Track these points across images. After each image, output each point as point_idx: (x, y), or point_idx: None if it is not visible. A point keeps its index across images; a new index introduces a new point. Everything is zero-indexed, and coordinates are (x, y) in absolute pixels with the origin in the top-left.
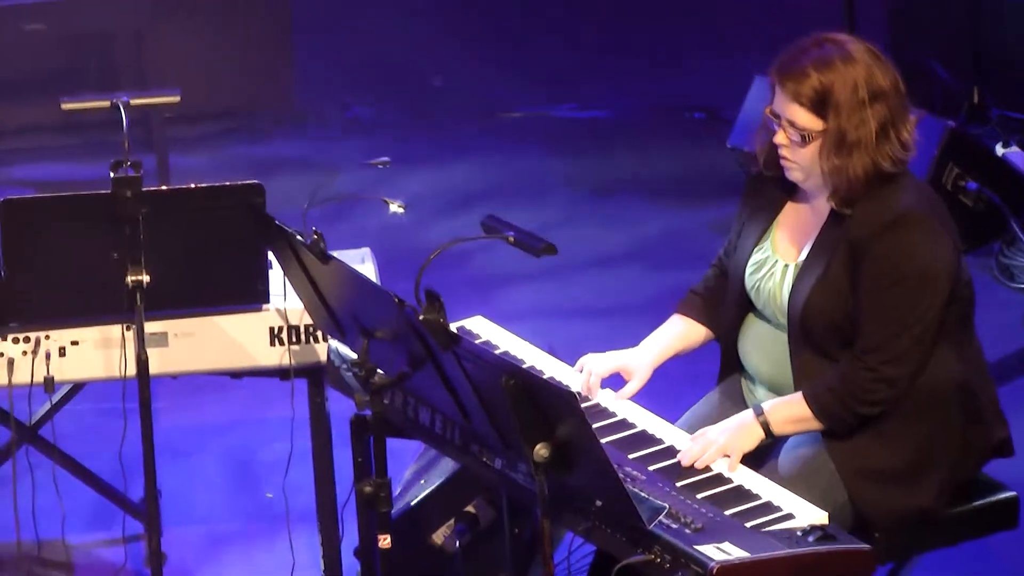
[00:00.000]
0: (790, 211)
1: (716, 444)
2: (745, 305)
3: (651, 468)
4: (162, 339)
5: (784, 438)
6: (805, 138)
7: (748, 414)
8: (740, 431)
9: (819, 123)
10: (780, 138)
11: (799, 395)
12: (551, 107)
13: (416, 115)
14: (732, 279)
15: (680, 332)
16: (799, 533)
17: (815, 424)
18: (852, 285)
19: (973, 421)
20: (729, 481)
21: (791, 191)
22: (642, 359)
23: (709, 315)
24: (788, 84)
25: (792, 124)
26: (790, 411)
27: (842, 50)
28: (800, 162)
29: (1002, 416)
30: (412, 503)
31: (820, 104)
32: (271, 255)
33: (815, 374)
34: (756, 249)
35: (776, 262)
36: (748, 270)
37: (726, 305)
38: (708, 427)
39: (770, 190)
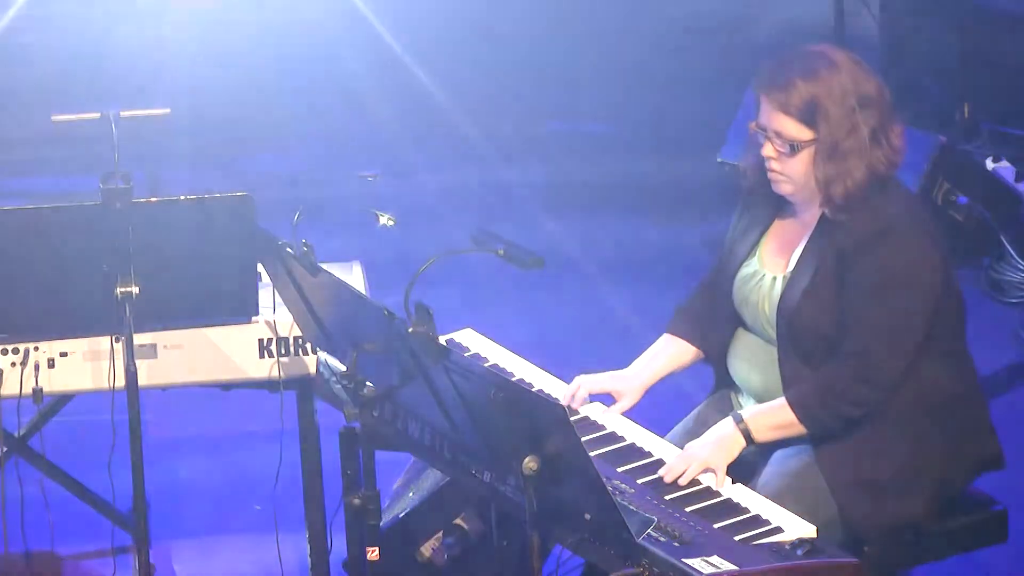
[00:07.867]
0: (778, 226)
1: (697, 459)
2: (734, 319)
3: (640, 481)
4: (151, 351)
5: (772, 452)
6: (794, 147)
7: (728, 424)
8: (720, 443)
9: (808, 132)
10: (768, 150)
11: (781, 400)
12: (543, 121)
13: (407, 128)
14: (720, 295)
15: (671, 353)
16: (787, 546)
17: (798, 429)
18: (840, 294)
19: (964, 434)
20: (717, 495)
21: (779, 208)
22: (633, 382)
23: (699, 335)
24: (774, 96)
25: (779, 135)
26: (772, 418)
27: (825, 59)
28: (790, 173)
29: (992, 430)
30: (401, 516)
31: (808, 113)
32: (261, 267)
33: None
34: (744, 264)
35: (764, 275)
36: (736, 284)
37: (716, 321)
38: (690, 443)
39: (760, 209)
